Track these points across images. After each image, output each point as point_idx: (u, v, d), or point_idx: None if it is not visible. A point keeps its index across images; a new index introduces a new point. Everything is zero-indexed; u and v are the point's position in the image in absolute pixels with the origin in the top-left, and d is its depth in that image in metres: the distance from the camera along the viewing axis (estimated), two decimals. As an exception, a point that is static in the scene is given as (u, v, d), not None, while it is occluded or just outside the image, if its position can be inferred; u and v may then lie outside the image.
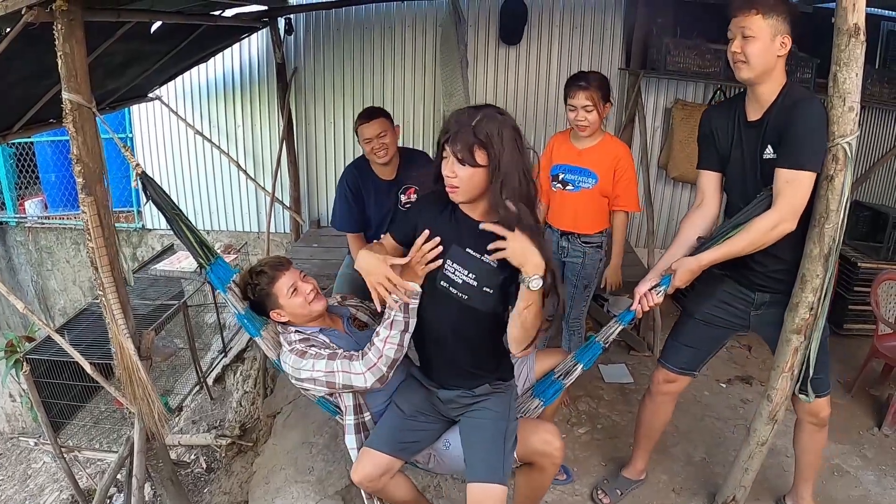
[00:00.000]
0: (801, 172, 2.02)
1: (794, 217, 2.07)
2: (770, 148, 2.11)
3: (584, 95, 2.89)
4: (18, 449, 5.06)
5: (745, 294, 2.40)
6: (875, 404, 3.74)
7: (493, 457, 2.03)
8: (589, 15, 4.98)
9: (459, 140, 1.78)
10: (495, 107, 1.86)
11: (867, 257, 4.58)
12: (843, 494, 2.99)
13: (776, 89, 2.11)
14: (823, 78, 2.42)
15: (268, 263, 2.35)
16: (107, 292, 2.37)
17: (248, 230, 5.64)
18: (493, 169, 1.79)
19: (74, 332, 3.77)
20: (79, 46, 2.13)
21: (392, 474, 2.22)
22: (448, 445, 2.27)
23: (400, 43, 5.08)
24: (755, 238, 2.11)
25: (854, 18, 1.97)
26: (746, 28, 2.02)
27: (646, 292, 2.30)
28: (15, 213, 5.98)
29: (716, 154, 2.33)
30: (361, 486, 2.24)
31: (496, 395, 2.16)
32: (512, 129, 1.82)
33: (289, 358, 2.18)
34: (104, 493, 2.90)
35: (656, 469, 2.99)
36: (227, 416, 4.57)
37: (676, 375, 2.61)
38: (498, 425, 2.10)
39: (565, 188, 3.11)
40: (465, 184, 1.83)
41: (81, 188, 2.25)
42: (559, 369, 2.47)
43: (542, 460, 2.21)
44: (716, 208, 2.38)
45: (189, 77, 5.10)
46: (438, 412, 2.25)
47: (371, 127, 3.08)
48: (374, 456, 2.19)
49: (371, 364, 2.05)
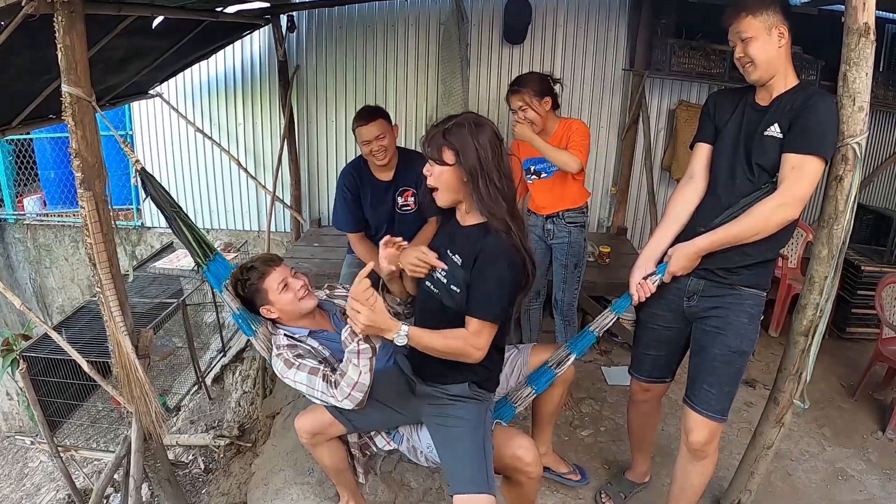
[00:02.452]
0: (810, 158, 1.98)
1: (797, 204, 2.02)
2: (776, 127, 2.06)
3: (515, 98, 3.10)
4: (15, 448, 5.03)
5: (676, 280, 2.27)
6: (879, 408, 3.72)
7: (476, 467, 2.02)
8: (593, 15, 4.94)
9: (432, 142, 1.96)
10: (476, 115, 2.02)
11: (870, 261, 4.56)
12: (847, 498, 2.96)
13: (788, 85, 2.08)
14: (828, 80, 2.41)
15: (258, 259, 2.40)
16: (104, 289, 2.34)
17: (248, 229, 5.60)
18: (464, 168, 1.92)
19: (72, 330, 3.74)
20: (79, 39, 2.10)
21: (328, 437, 2.33)
22: (432, 449, 2.25)
23: (403, 41, 5.05)
24: (755, 223, 2.06)
25: (864, 17, 1.96)
26: (742, 31, 2.04)
27: (641, 281, 2.28)
28: (13, 211, 5.94)
29: (713, 128, 2.29)
30: (298, 434, 2.33)
31: (472, 404, 2.15)
32: (490, 132, 1.95)
33: (276, 364, 2.24)
34: (101, 494, 2.86)
35: (660, 472, 2.96)
36: (226, 417, 4.54)
37: (648, 384, 2.57)
38: (475, 435, 2.10)
39: (540, 177, 3.32)
40: (439, 182, 1.99)
41: (80, 183, 2.22)
42: (552, 359, 2.48)
43: (516, 475, 2.19)
44: (704, 183, 2.30)
45: (190, 74, 5.07)
46: (408, 406, 2.27)
47: (369, 129, 3.05)
48: (319, 413, 2.29)
49: (346, 394, 2.07)
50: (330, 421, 2.28)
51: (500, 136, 1.97)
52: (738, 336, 2.20)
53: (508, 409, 2.50)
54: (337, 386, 2.07)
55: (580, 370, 3.94)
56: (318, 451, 2.38)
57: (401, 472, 2.99)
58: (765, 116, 2.10)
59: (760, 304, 2.23)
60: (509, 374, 2.49)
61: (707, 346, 2.25)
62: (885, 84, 5.02)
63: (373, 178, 3.27)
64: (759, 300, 2.22)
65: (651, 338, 2.48)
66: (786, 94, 2.07)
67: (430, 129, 2.00)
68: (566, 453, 3.12)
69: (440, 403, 2.17)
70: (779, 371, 2.43)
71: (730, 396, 2.25)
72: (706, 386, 2.23)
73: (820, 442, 3.36)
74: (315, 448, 2.37)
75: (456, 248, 2.05)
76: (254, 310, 2.38)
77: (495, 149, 1.93)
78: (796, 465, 3.16)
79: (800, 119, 1.99)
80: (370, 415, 2.27)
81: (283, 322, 2.38)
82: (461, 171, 1.93)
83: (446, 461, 2.13)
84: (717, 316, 2.23)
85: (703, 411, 2.23)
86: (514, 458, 2.15)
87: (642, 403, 2.66)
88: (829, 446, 3.33)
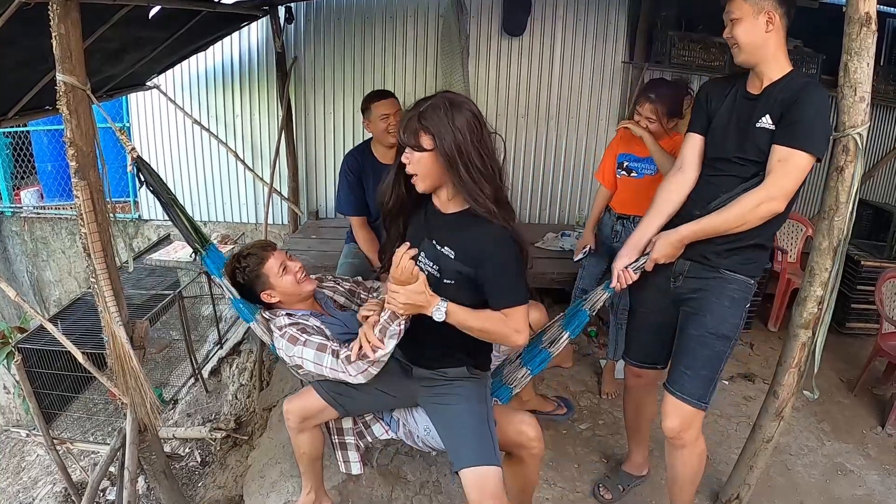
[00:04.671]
0: (799, 153, 1.96)
1: (783, 197, 2.01)
2: (768, 118, 2.04)
3: (647, 107, 3.06)
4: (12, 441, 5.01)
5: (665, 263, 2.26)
6: (878, 403, 3.72)
7: (481, 440, 2.01)
8: (593, 7, 4.93)
9: (407, 128, 1.85)
10: (450, 93, 1.89)
11: (870, 256, 4.55)
12: (847, 493, 2.95)
13: (779, 72, 2.07)
14: (829, 74, 2.39)
15: (255, 245, 2.40)
16: (99, 279, 2.32)
17: (245, 221, 5.58)
18: (442, 152, 1.81)
19: (68, 322, 3.73)
20: (74, 28, 2.08)
21: (316, 423, 2.33)
22: (429, 431, 2.24)
23: (401, 33, 5.02)
24: (739, 213, 2.04)
25: (866, 7, 1.95)
26: (731, 12, 2.06)
27: (623, 269, 2.26)
28: (10, 203, 5.93)
29: (705, 119, 2.26)
30: (286, 415, 2.33)
31: (470, 383, 2.13)
32: (468, 112, 1.82)
33: (281, 342, 2.21)
34: (96, 487, 2.84)
35: (659, 466, 2.95)
36: (223, 409, 4.52)
37: (640, 370, 2.56)
38: (478, 409, 2.09)
39: (629, 175, 3.28)
40: (418, 169, 1.87)
41: (74, 172, 2.21)
42: (546, 338, 2.43)
43: (520, 452, 2.20)
44: (695, 174, 2.27)
45: (188, 65, 5.04)
46: (403, 389, 2.23)
47: (388, 104, 3.22)
48: (311, 396, 2.28)
49: (362, 370, 2.03)
50: (321, 406, 2.26)
51: (479, 114, 1.86)
52: (717, 319, 2.17)
53: (505, 389, 2.48)
54: (351, 362, 2.03)
55: (578, 363, 3.94)
56: (300, 437, 2.36)
57: (397, 464, 2.98)
58: (757, 106, 2.09)
59: (747, 290, 2.20)
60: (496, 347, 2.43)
61: (686, 327, 2.25)
62: (885, 79, 5.00)
63: (377, 163, 3.33)
64: (744, 286, 2.19)
65: (641, 321, 2.49)
66: (777, 83, 2.06)
67: (404, 114, 1.91)
68: (564, 447, 3.12)
69: (437, 385, 2.14)
70: (778, 364, 2.42)
71: (707, 381, 2.20)
72: (682, 368, 2.22)
73: (819, 437, 3.36)
74: (300, 434, 2.35)
75: (443, 240, 1.96)
76: (252, 298, 2.37)
77: (474, 128, 1.81)
78: (795, 459, 3.15)
79: (790, 111, 1.98)
80: (362, 399, 2.25)
81: (284, 306, 2.38)
82: (439, 155, 1.82)
83: (449, 439, 2.10)
84: (699, 298, 2.22)
85: (678, 394, 2.21)
86: (518, 434, 2.15)
87: (634, 389, 2.65)
88: (829, 441, 3.33)
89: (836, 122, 2.09)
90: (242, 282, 2.35)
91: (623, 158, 3.31)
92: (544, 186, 5.38)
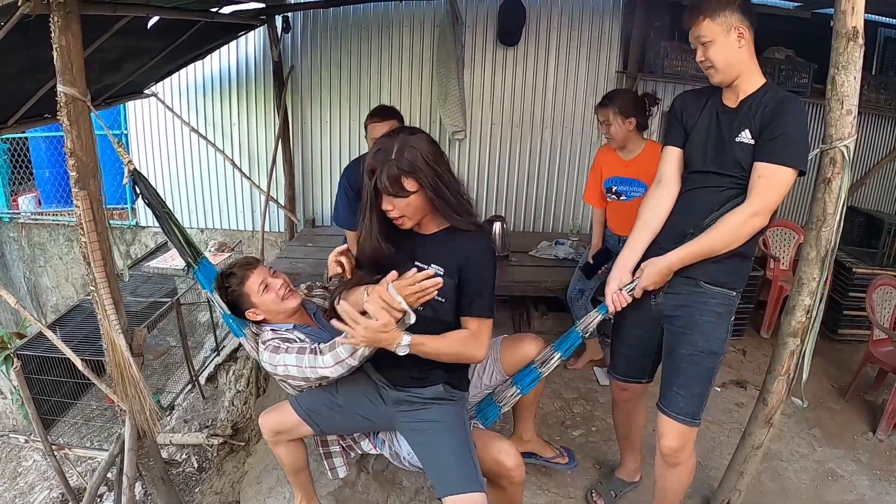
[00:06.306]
0: (783, 169, 1.97)
1: (766, 213, 2.03)
2: (747, 133, 2.05)
3: (600, 112, 3.21)
4: (9, 447, 5.01)
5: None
6: (869, 409, 3.75)
7: (463, 466, 2.00)
8: (587, 17, 4.98)
9: (386, 177, 1.80)
10: (406, 129, 1.91)
11: (862, 263, 4.59)
12: (837, 499, 2.98)
13: (754, 85, 2.09)
14: (820, 83, 2.42)
15: (236, 264, 2.41)
16: (99, 288, 2.35)
17: (242, 229, 5.61)
18: (427, 187, 1.83)
19: (66, 329, 3.74)
20: (75, 39, 2.11)
21: (291, 437, 2.33)
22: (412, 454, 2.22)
23: (397, 43, 5.07)
24: (726, 233, 2.05)
25: (853, 21, 1.97)
26: (701, 35, 2.06)
27: (617, 292, 2.27)
28: (8, 209, 5.94)
29: (682, 131, 2.27)
30: (261, 427, 2.35)
31: (447, 405, 2.12)
32: (427, 143, 1.85)
33: (265, 355, 2.20)
34: (94, 492, 2.86)
35: (651, 472, 2.97)
36: (220, 416, 4.53)
37: (624, 384, 2.57)
38: (458, 433, 2.07)
39: (619, 199, 3.36)
40: (406, 212, 1.88)
41: (75, 182, 2.23)
42: (538, 358, 2.43)
43: (499, 480, 2.17)
44: (676, 187, 2.27)
45: (185, 74, 5.08)
46: (378, 414, 2.22)
47: (383, 127, 3.07)
48: (286, 412, 2.29)
49: (340, 359, 1.99)
50: (295, 422, 2.27)
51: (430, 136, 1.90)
52: (704, 336, 2.18)
53: (493, 408, 2.47)
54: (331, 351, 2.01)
55: (572, 371, 3.96)
56: (278, 449, 2.38)
57: (393, 471, 3.00)
58: (734, 120, 2.10)
59: (730, 303, 2.20)
60: (482, 371, 2.44)
61: (674, 346, 2.25)
62: (876, 87, 5.05)
63: None
64: (727, 299, 2.19)
65: (623, 337, 2.49)
66: (754, 96, 2.08)
67: (371, 166, 1.84)
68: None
69: (414, 409, 2.13)
70: (768, 372, 2.45)
71: (700, 399, 2.22)
72: (675, 388, 2.23)
73: (810, 442, 3.39)
74: (276, 446, 2.38)
75: (432, 259, 1.97)
76: (239, 314, 2.39)
77: (436, 150, 1.86)
78: (787, 465, 3.18)
79: (770, 127, 1.99)
80: (338, 420, 2.26)
81: (270, 322, 2.38)
82: (426, 191, 1.83)
83: (430, 465, 2.09)
84: (683, 315, 2.22)
85: (673, 414, 2.23)
86: (496, 464, 2.13)
87: (622, 403, 2.67)
88: (820, 447, 3.36)
89: (824, 134, 2.11)
90: (227, 300, 2.37)
91: (610, 183, 3.36)
92: (538, 195, 5.42)
